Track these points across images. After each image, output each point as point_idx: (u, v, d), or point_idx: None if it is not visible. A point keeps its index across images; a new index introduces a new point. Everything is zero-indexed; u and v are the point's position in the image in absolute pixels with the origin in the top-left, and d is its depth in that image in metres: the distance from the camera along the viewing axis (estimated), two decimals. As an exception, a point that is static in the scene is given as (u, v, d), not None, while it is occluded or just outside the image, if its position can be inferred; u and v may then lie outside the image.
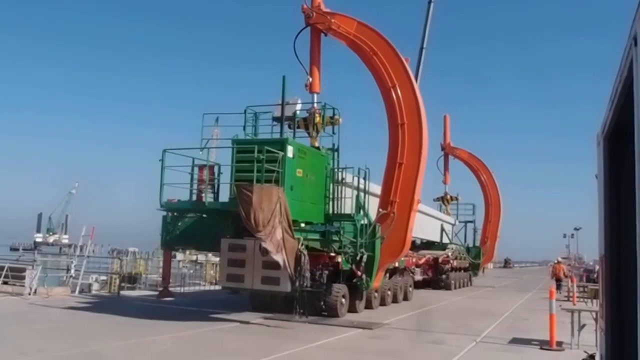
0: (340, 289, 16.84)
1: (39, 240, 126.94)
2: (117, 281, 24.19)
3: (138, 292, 23.90)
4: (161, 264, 35.40)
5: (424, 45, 37.45)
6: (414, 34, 39.59)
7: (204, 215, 17.10)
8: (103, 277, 27.07)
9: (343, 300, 16.93)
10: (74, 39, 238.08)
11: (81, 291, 21.90)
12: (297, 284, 14.28)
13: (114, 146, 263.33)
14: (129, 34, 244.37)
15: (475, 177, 42.39)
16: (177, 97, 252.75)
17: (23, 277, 19.52)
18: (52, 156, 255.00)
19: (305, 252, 14.45)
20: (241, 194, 13.31)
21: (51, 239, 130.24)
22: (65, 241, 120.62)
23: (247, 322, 15.08)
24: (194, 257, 42.58)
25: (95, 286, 24.75)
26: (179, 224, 17.33)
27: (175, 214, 17.27)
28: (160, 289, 19.30)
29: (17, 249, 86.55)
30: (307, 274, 14.42)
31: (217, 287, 26.78)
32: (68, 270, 23.71)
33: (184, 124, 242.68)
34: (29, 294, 18.85)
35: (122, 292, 22.74)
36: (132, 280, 26.86)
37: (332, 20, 19.00)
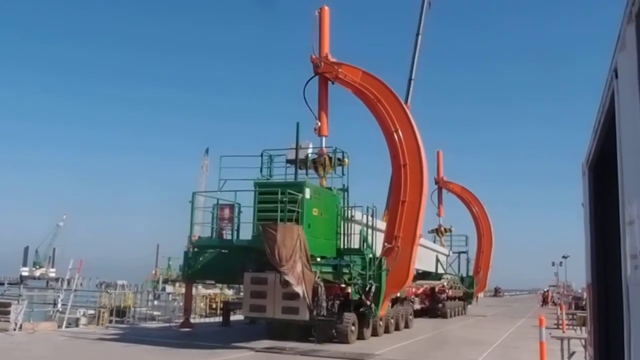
0: (350, 318, 18.23)
1: (25, 274, 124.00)
2: (106, 315, 23.84)
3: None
4: (150, 297, 36.20)
5: (412, 77, 38.93)
6: (403, 60, 40.99)
7: (224, 251, 18.57)
8: (91, 311, 26.43)
9: (353, 327, 18.28)
10: (69, 68, 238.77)
11: (68, 325, 21.53)
12: (315, 313, 15.76)
13: (104, 179, 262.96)
14: (114, 63, 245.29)
15: (467, 210, 44.33)
16: (166, 126, 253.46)
17: (8, 312, 18.87)
18: (39, 189, 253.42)
19: (322, 283, 15.99)
20: (266, 233, 14.86)
21: (38, 273, 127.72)
22: (53, 275, 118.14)
23: (240, 355, 15.34)
24: (184, 290, 43.27)
25: (83, 320, 24.32)
26: (200, 258, 18.77)
27: (196, 249, 18.75)
28: (182, 320, 20.55)
29: (2, 284, 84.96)
30: (324, 304, 15.93)
31: (208, 320, 26.94)
32: (55, 304, 23.35)
33: (175, 153, 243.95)
34: (14, 330, 18.45)
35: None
36: (120, 313, 26.33)
37: (339, 70, 20.79)
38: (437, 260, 34.77)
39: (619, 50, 2.60)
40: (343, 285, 18.27)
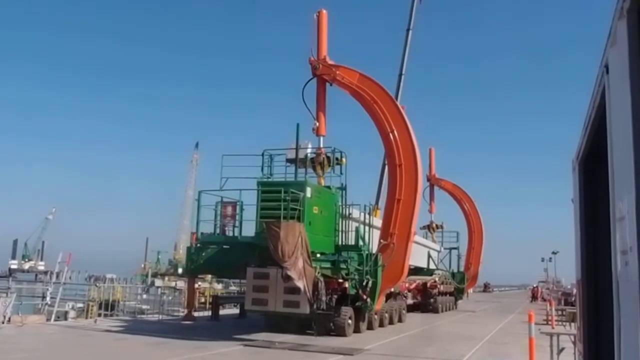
0: (347, 311, 18.92)
1: (14, 267, 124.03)
2: (95, 308, 23.81)
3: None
4: (139, 290, 36.58)
5: (403, 72, 39.40)
6: (395, 56, 41.43)
7: (225, 247, 19.21)
8: (80, 305, 26.39)
9: (350, 321, 18.99)
10: (58, 61, 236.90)
11: (57, 319, 21.58)
12: (315, 306, 16.47)
13: (93, 173, 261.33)
14: (100, 56, 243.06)
15: (459, 206, 45.28)
16: (155, 120, 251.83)
17: (-3, 305, 18.87)
18: (28, 182, 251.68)
19: (322, 278, 16.70)
20: (270, 230, 15.55)
21: (27, 266, 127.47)
22: (41, 268, 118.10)
23: (229, 349, 15.44)
24: (173, 284, 44.02)
25: (72, 313, 24.30)
26: (202, 254, 19.39)
27: (198, 244, 19.39)
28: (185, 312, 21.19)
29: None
30: (324, 298, 16.65)
31: (197, 314, 27.54)
32: (44, 297, 23.44)
33: (164, 147, 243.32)
34: (3, 323, 18.62)
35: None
36: (109, 307, 26.14)
37: (337, 72, 21.47)
38: (429, 256, 35.61)
39: (610, 46, 2.57)
40: (341, 280, 18.97)
